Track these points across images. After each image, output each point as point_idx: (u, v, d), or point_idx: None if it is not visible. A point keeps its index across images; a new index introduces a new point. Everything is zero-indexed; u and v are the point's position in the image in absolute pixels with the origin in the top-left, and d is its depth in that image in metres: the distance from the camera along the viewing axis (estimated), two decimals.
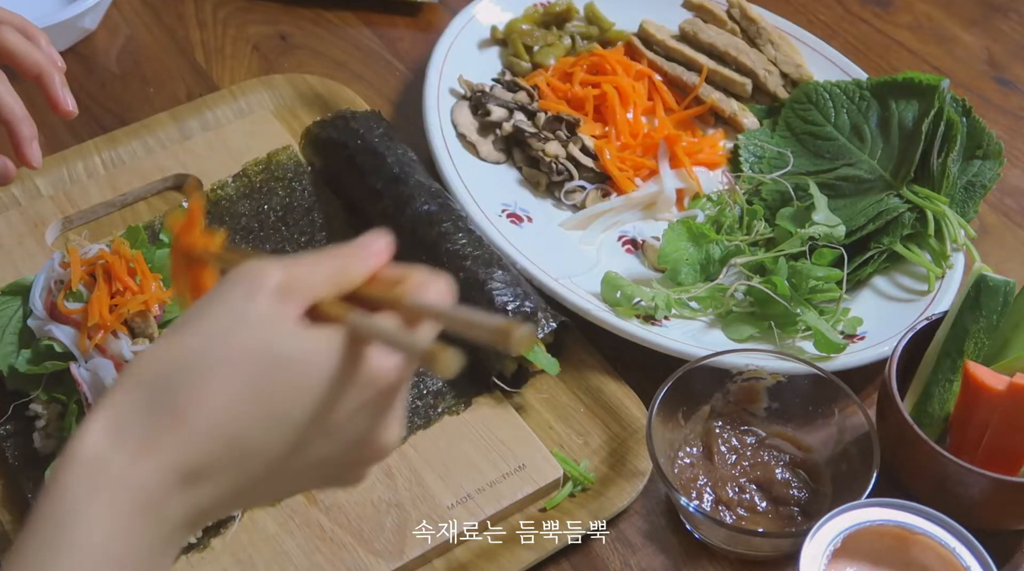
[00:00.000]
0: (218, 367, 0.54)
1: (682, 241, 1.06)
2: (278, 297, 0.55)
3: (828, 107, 1.19)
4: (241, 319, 0.54)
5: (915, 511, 0.83)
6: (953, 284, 1.06)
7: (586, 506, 0.91)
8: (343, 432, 0.57)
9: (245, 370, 0.54)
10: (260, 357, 0.54)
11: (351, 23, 1.36)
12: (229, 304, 0.55)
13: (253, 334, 0.54)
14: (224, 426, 0.54)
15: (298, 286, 0.56)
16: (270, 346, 0.54)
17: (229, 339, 0.54)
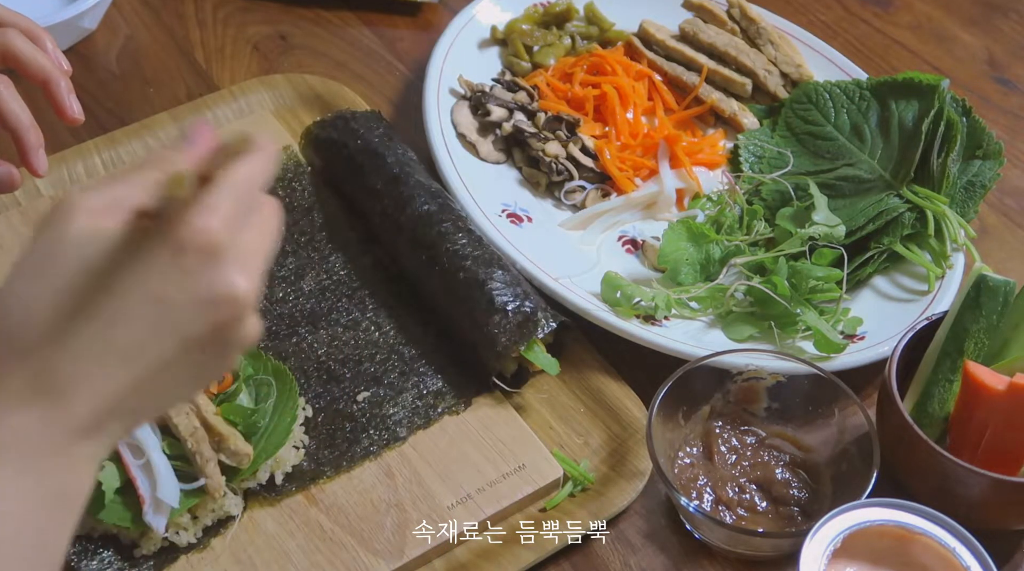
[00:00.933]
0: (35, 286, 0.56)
1: (682, 241, 1.06)
2: (91, 216, 0.56)
3: (828, 107, 1.19)
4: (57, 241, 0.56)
5: (915, 511, 0.83)
6: (953, 284, 1.06)
7: (586, 506, 0.91)
8: (180, 295, 0.56)
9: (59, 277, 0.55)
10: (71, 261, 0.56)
11: (351, 23, 1.36)
12: (48, 233, 0.56)
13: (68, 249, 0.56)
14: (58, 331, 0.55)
15: (113, 203, 0.57)
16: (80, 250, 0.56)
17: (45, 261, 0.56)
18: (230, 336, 0.58)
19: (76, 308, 0.55)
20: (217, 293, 0.56)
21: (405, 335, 1.00)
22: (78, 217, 0.56)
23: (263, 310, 1.00)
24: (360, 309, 1.01)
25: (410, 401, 0.95)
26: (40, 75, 0.84)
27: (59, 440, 0.56)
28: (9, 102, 0.81)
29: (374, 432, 0.93)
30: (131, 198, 0.57)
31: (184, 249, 0.56)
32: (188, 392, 0.63)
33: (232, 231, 0.56)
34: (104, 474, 0.83)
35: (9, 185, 0.83)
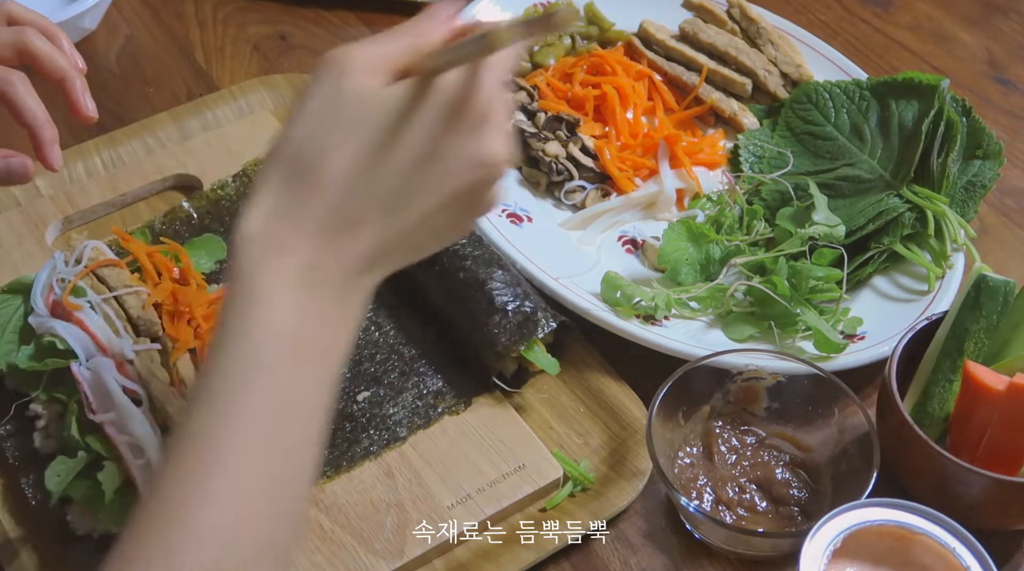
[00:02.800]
0: (328, 140, 0.64)
1: (682, 241, 1.06)
2: (364, 74, 0.65)
3: (828, 107, 1.19)
4: (336, 98, 0.64)
5: (915, 511, 0.83)
6: (953, 284, 1.06)
7: (586, 506, 0.91)
8: (452, 155, 0.65)
9: (351, 132, 0.64)
10: (359, 118, 0.64)
11: (351, 23, 1.36)
12: (326, 88, 0.65)
13: (350, 104, 0.64)
14: (349, 180, 0.64)
15: (380, 61, 0.66)
16: (364, 108, 0.64)
17: (330, 115, 0.64)
18: (482, 197, 0.68)
19: (364, 153, 0.64)
20: (485, 156, 0.66)
21: (405, 335, 1.00)
22: (355, 69, 0.64)
23: None
24: None
25: (410, 401, 0.95)
26: (57, 73, 0.84)
27: (347, 273, 0.65)
28: (26, 98, 0.82)
29: (374, 432, 0.93)
30: (396, 57, 0.66)
31: (462, 113, 0.65)
32: (436, 244, 0.71)
33: (499, 102, 0.66)
34: (104, 474, 0.83)
35: (23, 175, 0.84)
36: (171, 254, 0.98)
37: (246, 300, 0.62)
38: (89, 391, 0.86)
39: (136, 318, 0.92)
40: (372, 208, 0.65)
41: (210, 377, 0.62)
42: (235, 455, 0.60)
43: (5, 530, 0.87)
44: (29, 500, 0.87)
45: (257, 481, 0.60)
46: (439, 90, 0.65)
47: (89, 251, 0.96)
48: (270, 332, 0.62)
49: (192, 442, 0.60)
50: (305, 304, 0.63)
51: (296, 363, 0.63)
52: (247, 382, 0.61)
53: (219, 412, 0.61)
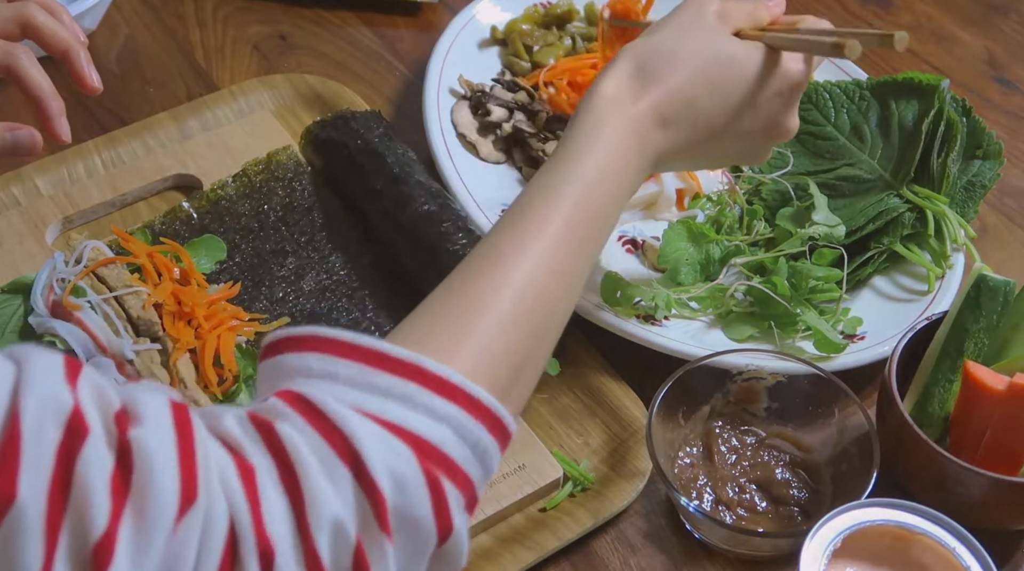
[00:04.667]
0: (681, 53, 0.82)
1: (682, 241, 1.06)
2: (717, 18, 0.84)
3: (828, 107, 1.19)
4: (695, 24, 0.84)
5: (915, 511, 0.83)
6: (953, 284, 1.06)
7: (586, 506, 0.91)
8: (763, 111, 0.85)
9: (700, 57, 0.82)
10: (710, 50, 0.83)
11: (351, 23, 1.36)
12: (686, 17, 0.84)
13: (704, 35, 0.83)
14: (686, 91, 0.81)
15: (730, 13, 0.85)
16: (716, 45, 0.83)
17: (688, 36, 0.83)
18: (763, 150, 0.91)
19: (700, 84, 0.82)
20: (787, 126, 0.88)
21: None
22: (710, 18, 0.85)
23: (263, 310, 1.00)
24: (360, 309, 1.01)
25: None
26: (60, 46, 0.85)
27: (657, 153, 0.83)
28: (30, 69, 0.82)
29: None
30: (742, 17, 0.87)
31: (796, 94, 0.87)
32: (712, 164, 0.98)
33: None
34: None
35: (31, 146, 0.84)
36: (171, 254, 0.98)
37: (591, 130, 0.78)
38: None
39: (136, 318, 0.92)
40: (693, 122, 0.82)
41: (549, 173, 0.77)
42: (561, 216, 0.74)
43: None
44: None
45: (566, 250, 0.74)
46: (790, 70, 0.85)
47: (89, 251, 0.96)
48: (596, 165, 0.77)
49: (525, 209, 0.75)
50: (626, 156, 0.79)
51: (601, 184, 0.77)
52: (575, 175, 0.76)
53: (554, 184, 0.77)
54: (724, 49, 0.83)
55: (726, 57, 0.83)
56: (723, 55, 0.83)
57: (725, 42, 0.83)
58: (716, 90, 0.82)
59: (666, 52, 0.82)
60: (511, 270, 0.70)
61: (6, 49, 0.82)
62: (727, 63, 0.83)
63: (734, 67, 0.83)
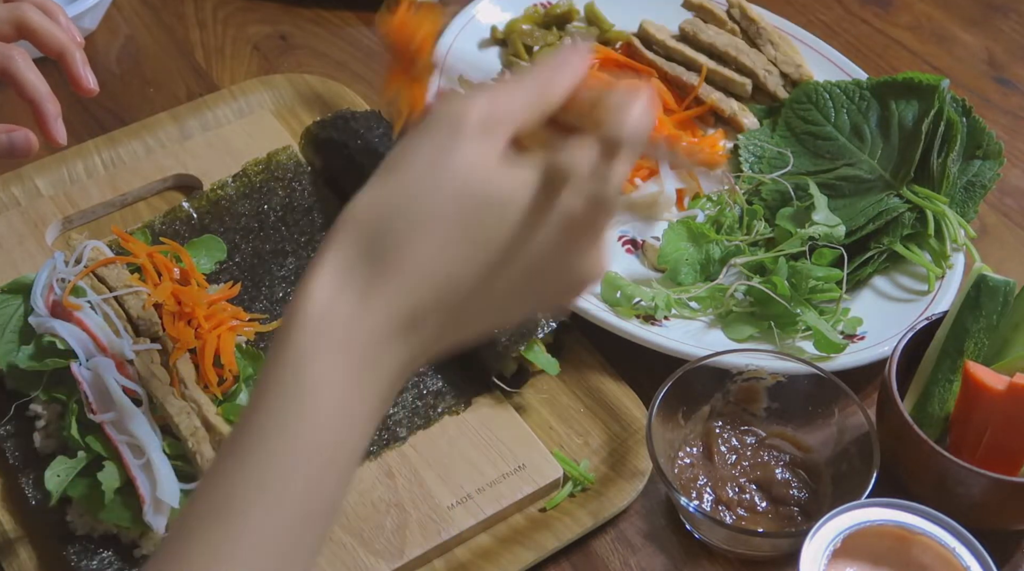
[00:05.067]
0: (428, 214, 0.56)
1: (682, 241, 1.06)
2: (481, 133, 0.57)
3: (828, 107, 1.19)
4: (447, 162, 0.57)
5: (915, 511, 0.83)
6: (953, 284, 1.06)
7: (586, 506, 0.91)
8: (545, 264, 0.59)
9: (453, 216, 0.56)
10: (467, 200, 0.56)
11: (351, 23, 1.36)
12: (435, 146, 0.57)
13: (459, 178, 0.56)
14: (438, 272, 0.56)
15: (500, 118, 0.58)
16: (476, 188, 0.56)
17: (437, 184, 0.56)
18: (563, 302, 0.71)
19: (459, 253, 0.57)
20: (587, 276, 0.62)
21: None
22: (467, 137, 0.57)
23: (263, 310, 1.00)
24: None
25: (410, 401, 0.95)
26: (56, 47, 0.84)
27: (404, 370, 0.58)
28: (26, 71, 0.82)
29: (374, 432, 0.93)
30: (515, 118, 0.58)
31: (585, 232, 0.60)
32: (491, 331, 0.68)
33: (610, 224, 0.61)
34: (104, 474, 0.83)
35: (26, 149, 0.83)
36: (171, 254, 0.98)
37: (291, 387, 0.55)
38: (89, 391, 0.86)
39: (136, 318, 0.91)
40: (454, 311, 0.58)
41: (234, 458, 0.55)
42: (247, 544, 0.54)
43: (5, 530, 0.87)
44: (29, 500, 0.87)
45: None
46: (568, 205, 0.58)
47: (89, 251, 0.96)
48: (308, 433, 0.55)
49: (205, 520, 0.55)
50: (352, 405, 0.57)
51: (327, 466, 0.57)
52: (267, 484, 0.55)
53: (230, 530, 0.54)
54: (485, 190, 0.57)
55: (486, 200, 0.57)
56: (484, 199, 0.57)
57: (486, 177, 0.57)
58: (479, 252, 0.57)
59: (404, 215, 0.56)
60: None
61: (1, 51, 0.81)
62: (488, 208, 0.57)
63: (495, 214, 0.57)
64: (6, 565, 0.85)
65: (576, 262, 0.61)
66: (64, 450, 0.87)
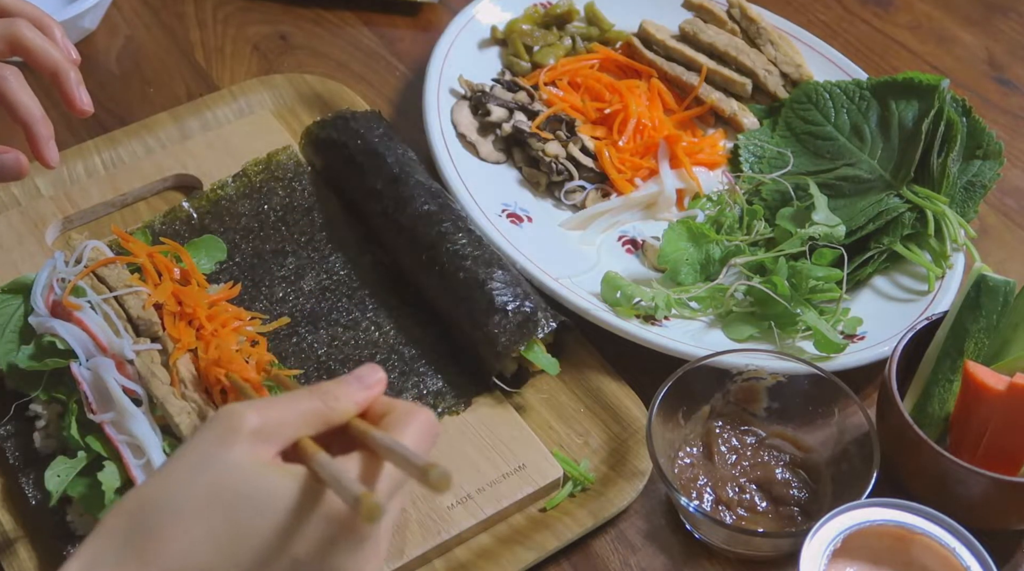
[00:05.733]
0: (188, 507, 0.57)
1: (682, 241, 1.06)
2: (252, 438, 0.59)
3: (828, 107, 1.19)
4: (213, 460, 0.58)
5: (915, 511, 0.83)
6: (953, 284, 1.06)
7: (586, 506, 0.91)
8: (309, 564, 0.59)
9: (212, 509, 0.57)
10: (227, 495, 0.57)
11: (351, 23, 1.36)
12: (202, 448, 0.58)
13: (222, 474, 0.57)
14: (194, 563, 0.56)
15: (273, 431, 0.60)
16: (237, 485, 0.57)
17: (201, 479, 0.57)
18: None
19: (218, 545, 0.57)
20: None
21: (405, 335, 1.00)
22: (239, 439, 0.58)
23: (263, 310, 1.00)
24: (360, 309, 1.01)
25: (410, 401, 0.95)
26: (50, 66, 0.83)
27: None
28: (19, 93, 0.81)
29: None
30: (293, 431, 0.60)
31: (349, 532, 0.59)
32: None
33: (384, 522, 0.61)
34: (104, 474, 0.83)
35: (16, 172, 0.83)
36: (171, 254, 0.98)
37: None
38: (89, 391, 0.86)
39: (136, 318, 0.91)
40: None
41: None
42: None
43: (5, 530, 0.87)
44: (29, 500, 0.87)
45: None
46: (330, 506, 0.59)
47: (89, 251, 0.96)
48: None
49: None
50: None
51: None
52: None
53: None
54: (245, 488, 0.58)
55: (246, 497, 0.57)
56: (244, 496, 0.57)
57: (248, 476, 0.58)
58: (236, 547, 0.57)
59: (166, 507, 0.56)
60: None
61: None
62: (248, 504, 0.57)
63: (254, 514, 0.57)
64: (6, 565, 0.85)
65: (342, 563, 0.60)
66: (64, 450, 0.87)
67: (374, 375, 0.65)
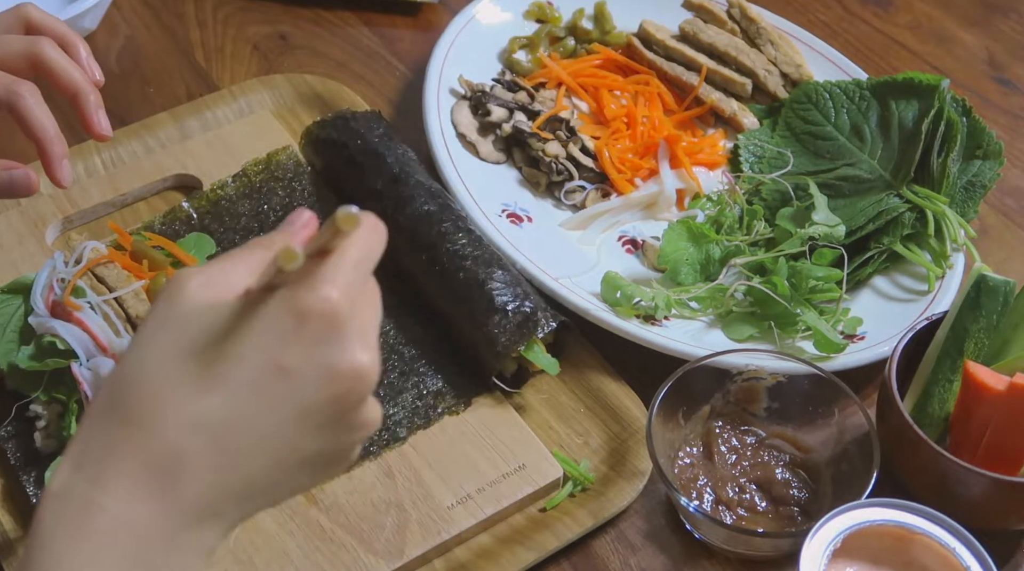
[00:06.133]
0: (153, 372, 0.54)
1: (682, 241, 1.06)
2: (203, 290, 0.56)
3: (828, 107, 1.19)
4: (166, 323, 0.55)
5: (915, 511, 0.83)
6: (953, 284, 1.06)
7: (586, 506, 0.91)
8: (296, 370, 0.55)
9: (171, 350, 0.54)
10: (184, 345, 0.54)
11: (351, 23, 1.36)
12: (156, 315, 0.56)
13: (175, 321, 0.55)
14: (167, 409, 0.53)
15: (218, 281, 0.57)
16: (193, 331, 0.55)
17: (158, 342, 0.55)
18: (351, 417, 0.57)
19: (190, 375, 0.54)
20: (340, 366, 0.55)
21: (405, 335, 1.00)
22: (190, 287, 0.56)
23: None
24: None
25: (410, 401, 0.95)
26: (70, 89, 0.82)
27: (171, 529, 0.53)
28: (34, 110, 0.80)
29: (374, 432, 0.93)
30: (240, 277, 0.57)
31: (307, 316, 0.54)
32: (308, 479, 0.59)
33: (352, 304, 0.55)
34: None
35: (26, 188, 0.82)
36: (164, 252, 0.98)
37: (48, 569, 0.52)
38: (89, 391, 0.86)
39: (135, 318, 0.91)
40: (198, 443, 0.53)
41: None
42: None
43: (5, 530, 0.87)
44: (30, 500, 0.87)
45: None
46: (277, 296, 0.55)
47: (89, 252, 0.96)
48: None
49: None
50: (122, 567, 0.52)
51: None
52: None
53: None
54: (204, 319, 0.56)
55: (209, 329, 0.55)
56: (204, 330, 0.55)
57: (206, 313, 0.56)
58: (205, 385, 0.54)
59: (131, 380, 0.55)
60: None
61: (9, 87, 0.79)
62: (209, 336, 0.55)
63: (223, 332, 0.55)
64: (6, 565, 0.85)
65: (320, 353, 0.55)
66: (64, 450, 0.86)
67: (300, 217, 0.62)
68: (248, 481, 0.55)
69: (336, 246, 0.56)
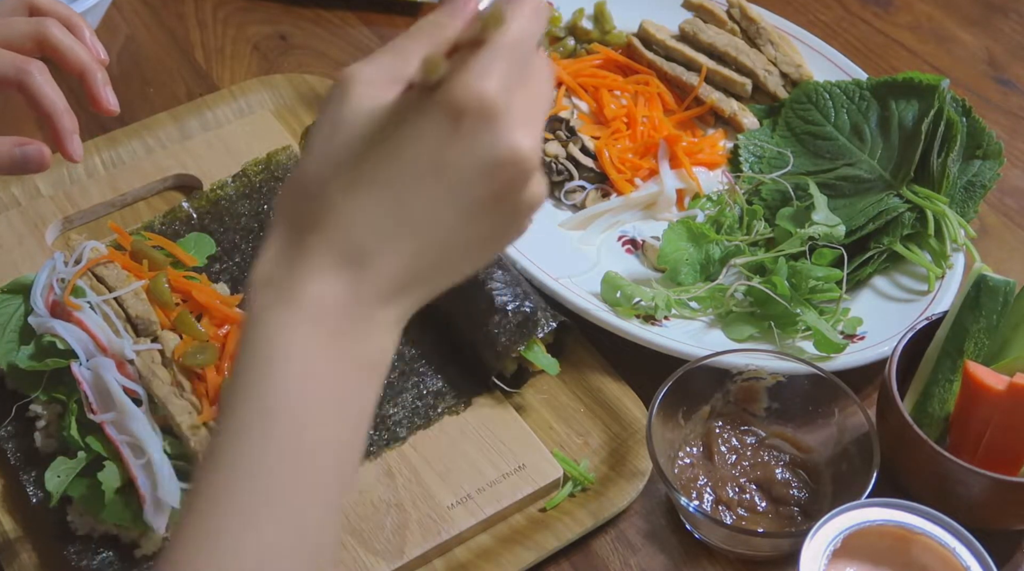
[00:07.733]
0: (328, 163, 0.58)
1: (682, 241, 1.06)
2: (372, 88, 0.59)
3: (828, 107, 1.19)
4: (338, 118, 0.59)
5: (915, 511, 0.83)
6: (953, 284, 1.06)
7: (586, 506, 0.91)
8: (462, 161, 0.57)
9: (346, 152, 0.58)
10: (353, 136, 0.58)
11: (351, 23, 1.36)
12: (329, 111, 0.59)
13: (348, 123, 0.58)
14: (348, 206, 0.57)
15: (388, 73, 0.59)
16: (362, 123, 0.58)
17: (332, 138, 0.59)
18: (516, 198, 0.59)
19: (363, 176, 0.58)
20: (499, 155, 0.57)
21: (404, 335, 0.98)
22: (356, 89, 0.59)
23: None
24: None
25: (410, 401, 0.95)
26: (77, 66, 0.84)
27: (364, 307, 0.58)
28: (44, 87, 0.81)
29: (374, 432, 0.93)
30: (406, 69, 0.59)
31: (462, 113, 0.57)
32: (482, 257, 0.64)
33: (509, 91, 0.57)
34: (104, 474, 0.83)
35: (39, 163, 0.83)
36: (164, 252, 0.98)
37: (258, 356, 0.57)
38: (89, 391, 0.86)
39: (135, 318, 0.91)
40: (382, 234, 0.58)
41: (226, 436, 0.57)
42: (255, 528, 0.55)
43: (5, 530, 0.87)
44: (29, 499, 0.87)
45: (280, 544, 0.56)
46: (433, 97, 0.57)
47: (88, 252, 0.96)
48: (286, 392, 0.56)
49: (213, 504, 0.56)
50: (322, 353, 0.57)
51: (317, 421, 0.57)
52: (263, 450, 0.56)
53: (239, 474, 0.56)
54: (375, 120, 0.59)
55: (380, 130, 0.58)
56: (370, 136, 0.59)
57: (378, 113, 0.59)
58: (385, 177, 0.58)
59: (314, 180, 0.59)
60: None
61: (18, 65, 0.81)
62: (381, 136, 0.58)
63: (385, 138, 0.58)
64: (6, 565, 0.85)
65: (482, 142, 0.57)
66: (64, 450, 0.87)
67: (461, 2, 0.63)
68: (430, 267, 0.61)
69: (488, 36, 0.57)
